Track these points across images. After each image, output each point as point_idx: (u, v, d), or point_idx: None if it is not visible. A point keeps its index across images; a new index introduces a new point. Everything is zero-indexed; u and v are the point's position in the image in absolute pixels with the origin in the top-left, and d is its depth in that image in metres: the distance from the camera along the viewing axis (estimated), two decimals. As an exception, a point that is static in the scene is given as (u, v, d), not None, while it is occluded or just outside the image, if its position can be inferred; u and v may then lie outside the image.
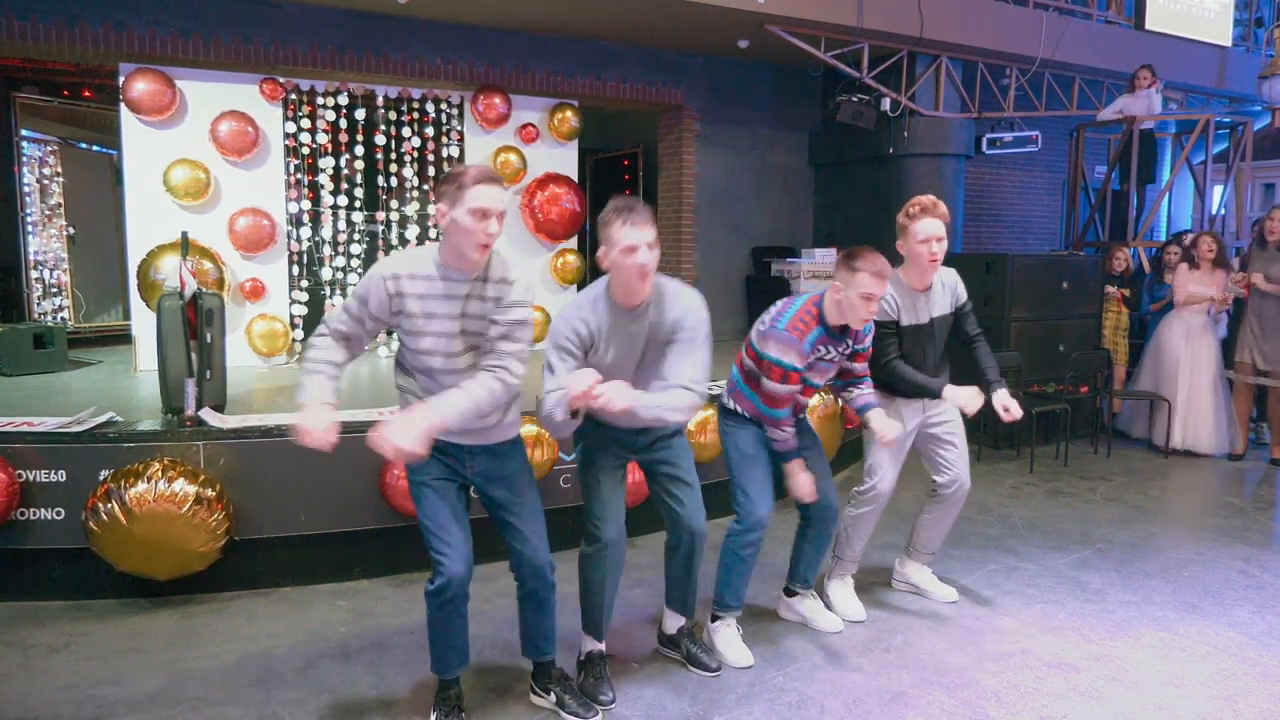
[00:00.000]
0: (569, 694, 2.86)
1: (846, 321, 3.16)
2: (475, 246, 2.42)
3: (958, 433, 3.69)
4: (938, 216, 3.43)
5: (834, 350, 3.24)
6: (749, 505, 3.22)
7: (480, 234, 2.40)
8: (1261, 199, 11.84)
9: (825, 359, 3.23)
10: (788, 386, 3.10)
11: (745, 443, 3.28)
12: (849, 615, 3.59)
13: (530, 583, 2.74)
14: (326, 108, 6.49)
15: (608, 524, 2.89)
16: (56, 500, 3.61)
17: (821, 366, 3.25)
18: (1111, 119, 7.89)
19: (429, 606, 2.66)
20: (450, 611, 2.65)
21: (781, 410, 3.16)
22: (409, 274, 2.48)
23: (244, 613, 3.64)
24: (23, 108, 7.32)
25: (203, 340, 4.09)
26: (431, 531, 2.59)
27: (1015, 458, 6.40)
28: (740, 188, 8.09)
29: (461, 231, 2.40)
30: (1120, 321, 7.13)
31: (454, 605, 2.64)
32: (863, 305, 3.06)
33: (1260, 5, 10.09)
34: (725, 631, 3.29)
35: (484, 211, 2.39)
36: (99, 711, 2.86)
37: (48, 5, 5.42)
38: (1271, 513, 5.13)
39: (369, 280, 2.50)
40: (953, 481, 3.68)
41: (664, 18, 6.38)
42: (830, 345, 3.21)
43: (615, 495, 2.94)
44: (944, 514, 3.78)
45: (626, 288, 2.66)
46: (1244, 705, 2.95)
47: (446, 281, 2.49)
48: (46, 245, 7.56)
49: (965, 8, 7.12)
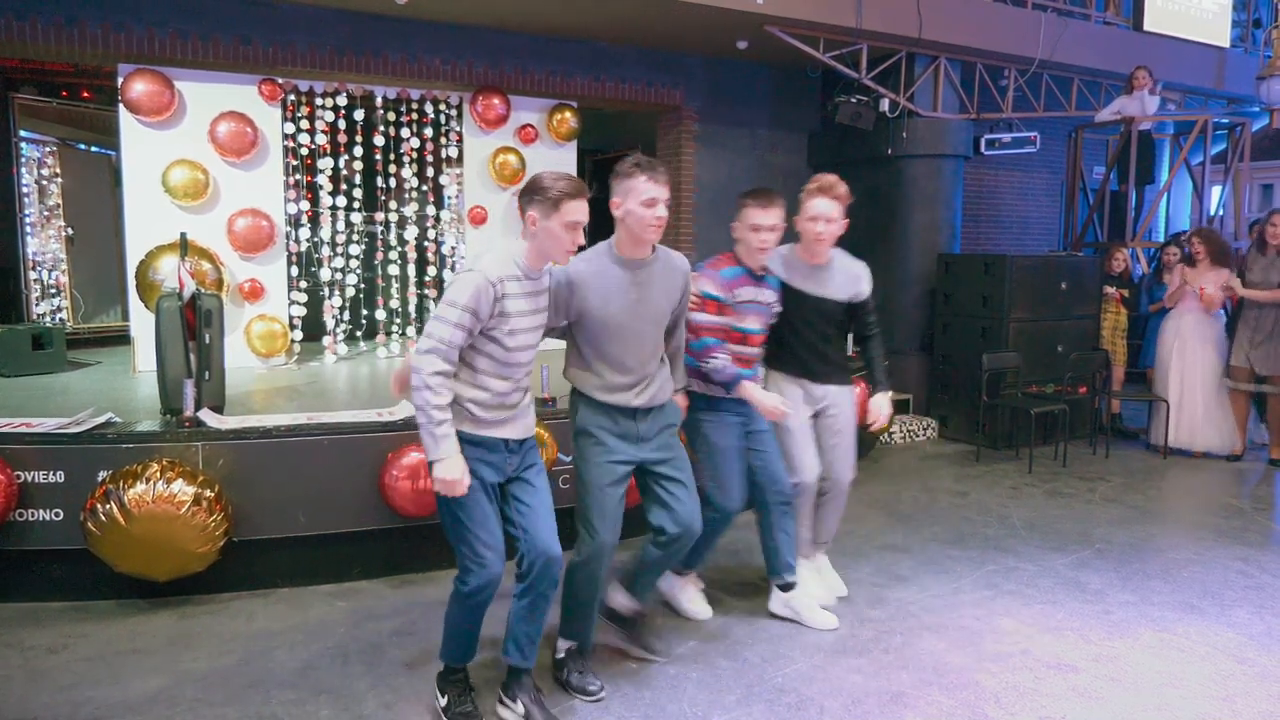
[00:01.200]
0: (538, 706, 2.80)
1: (752, 262, 3.35)
2: (563, 253, 2.67)
3: (844, 429, 3.66)
4: (833, 198, 3.45)
5: (761, 294, 3.39)
6: (722, 496, 3.34)
7: (569, 243, 2.64)
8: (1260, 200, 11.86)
9: (755, 301, 3.37)
10: (707, 316, 3.25)
11: (718, 435, 3.37)
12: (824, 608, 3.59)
13: (539, 578, 2.70)
14: (325, 108, 6.48)
15: (608, 528, 2.91)
16: (55, 501, 3.61)
17: (752, 310, 3.36)
18: (1109, 120, 7.90)
19: (458, 604, 2.71)
20: (481, 609, 2.72)
21: (707, 339, 3.23)
22: (507, 276, 2.61)
23: (243, 614, 3.64)
24: (21, 108, 7.31)
25: (201, 341, 4.09)
26: (473, 532, 2.62)
27: (1014, 458, 6.40)
28: (739, 188, 8.00)
29: (553, 240, 2.62)
30: (1119, 322, 7.13)
31: (486, 604, 2.71)
32: (754, 236, 3.27)
33: (1258, 6, 10.09)
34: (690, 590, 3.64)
35: (576, 224, 2.63)
36: (98, 712, 2.85)
37: (46, 6, 5.42)
38: (1270, 513, 5.14)
39: (474, 290, 2.53)
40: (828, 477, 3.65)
41: (663, 18, 6.38)
42: (755, 287, 3.37)
43: (618, 500, 2.94)
44: (823, 508, 3.70)
45: (637, 239, 2.85)
46: (1242, 705, 2.96)
47: (529, 281, 2.68)
48: (45, 246, 7.55)
49: (964, 9, 7.12)
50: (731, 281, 3.32)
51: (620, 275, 2.86)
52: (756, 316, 3.39)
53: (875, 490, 5.56)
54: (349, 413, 4.20)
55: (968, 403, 6.75)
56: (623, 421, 2.94)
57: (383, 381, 5.67)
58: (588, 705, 2.93)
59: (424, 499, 3.86)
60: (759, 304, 3.40)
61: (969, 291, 6.87)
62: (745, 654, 3.30)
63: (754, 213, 3.28)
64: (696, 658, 3.26)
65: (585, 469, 2.94)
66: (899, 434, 6.97)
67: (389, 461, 3.90)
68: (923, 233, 7.36)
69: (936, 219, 7.38)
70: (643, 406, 2.95)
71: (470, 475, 2.58)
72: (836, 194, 3.43)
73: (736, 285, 3.32)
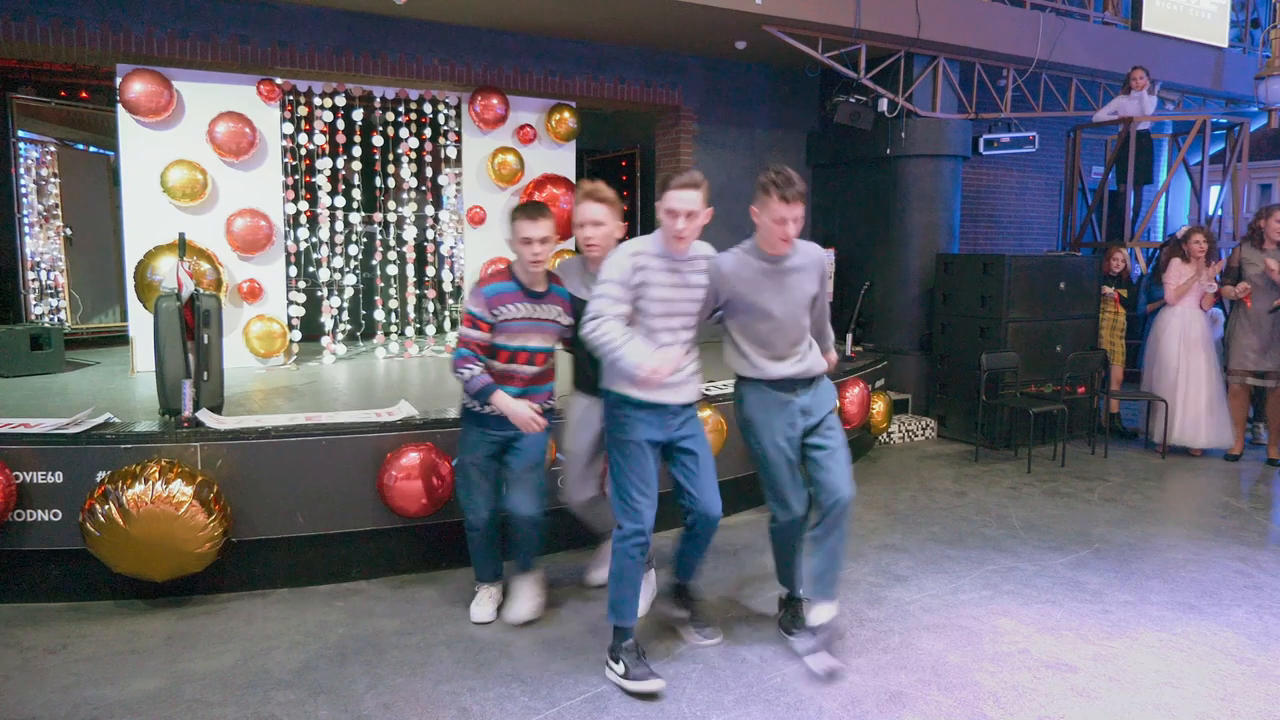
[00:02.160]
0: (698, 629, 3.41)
1: (526, 276, 3.34)
2: (671, 239, 3.06)
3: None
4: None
5: (531, 309, 3.35)
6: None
7: (671, 229, 3.05)
8: (1258, 199, 11.86)
9: (530, 319, 3.35)
10: (466, 330, 3.31)
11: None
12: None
13: (701, 532, 3.24)
14: (324, 108, 6.48)
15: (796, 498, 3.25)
16: (53, 502, 3.61)
17: (514, 327, 3.32)
18: (1107, 120, 7.91)
19: (621, 556, 3.06)
20: (639, 556, 3.06)
21: (462, 349, 3.30)
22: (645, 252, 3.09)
23: (241, 614, 3.64)
24: (19, 109, 7.30)
25: (200, 341, 4.08)
26: (634, 485, 3.07)
27: (1013, 458, 6.41)
28: (738, 188, 8.07)
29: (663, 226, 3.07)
30: (1117, 322, 7.14)
31: (645, 550, 3.08)
32: (525, 250, 3.28)
33: (1256, 6, 10.11)
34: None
35: (673, 212, 3.02)
36: (96, 713, 2.85)
37: (45, 6, 5.42)
38: (1268, 513, 5.14)
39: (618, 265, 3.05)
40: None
41: (661, 18, 6.38)
42: (526, 304, 3.34)
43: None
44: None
45: (770, 244, 3.17)
46: (1241, 705, 2.96)
47: (663, 259, 3.10)
48: (43, 246, 7.55)
49: (962, 9, 7.12)
50: (494, 299, 3.29)
51: (762, 268, 3.19)
52: (537, 334, 3.37)
53: (874, 490, 5.57)
54: (348, 413, 4.20)
55: (966, 402, 6.76)
56: (782, 396, 3.22)
57: (382, 382, 5.67)
58: (587, 703, 2.93)
59: (422, 499, 3.87)
60: (537, 321, 3.36)
61: (968, 291, 6.87)
62: (743, 654, 3.30)
63: (524, 225, 3.27)
64: (695, 658, 3.26)
65: (759, 449, 3.24)
66: (898, 434, 6.98)
67: (388, 462, 3.89)
68: (921, 232, 7.36)
69: (935, 219, 7.38)
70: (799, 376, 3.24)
71: (631, 432, 3.06)
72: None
73: (501, 302, 3.29)
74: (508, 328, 3.32)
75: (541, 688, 3.03)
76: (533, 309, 3.35)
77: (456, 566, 4.08)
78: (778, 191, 3.03)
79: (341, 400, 5.01)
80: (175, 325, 4.01)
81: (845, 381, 5.77)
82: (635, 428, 3.09)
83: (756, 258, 3.21)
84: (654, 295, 3.09)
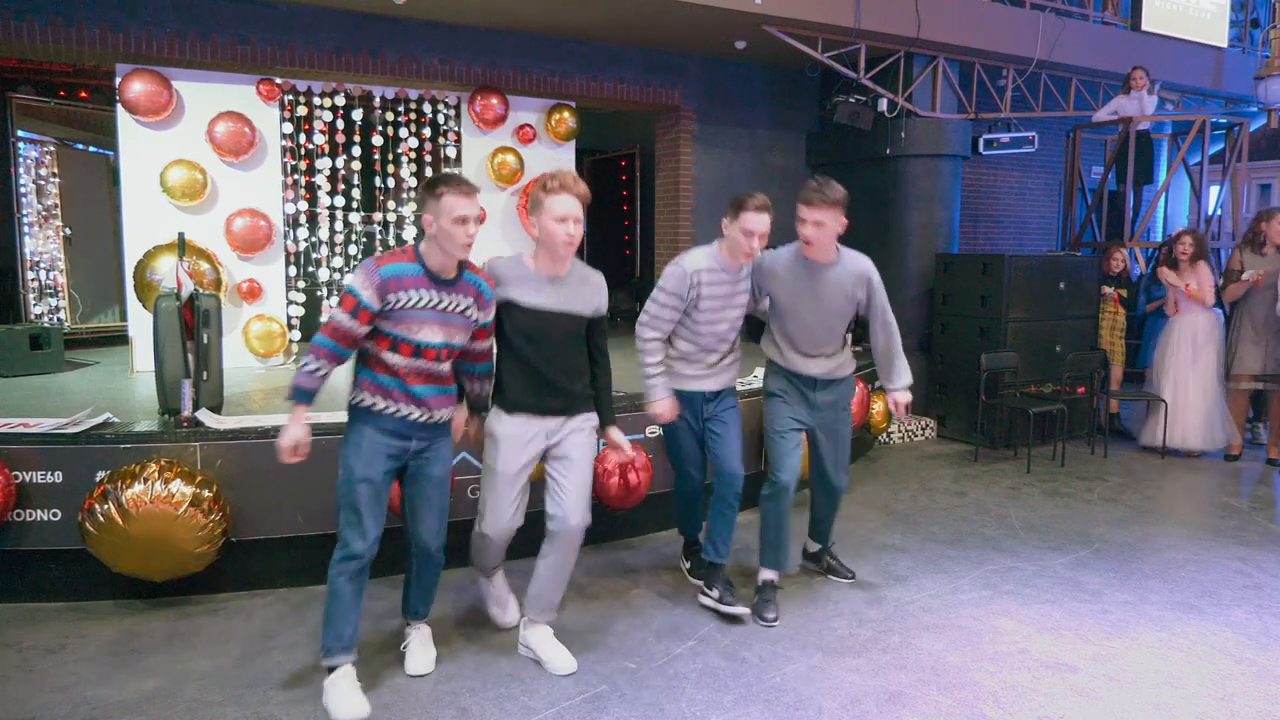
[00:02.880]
0: (728, 590, 3.64)
1: (435, 261, 2.79)
2: (740, 255, 3.51)
3: (576, 455, 3.14)
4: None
5: (439, 298, 2.81)
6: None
7: (743, 247, 3.46)
8: (1257, 199, 11.86)
9: (421, 307, 2.78)
10: (339, 316, 2.75)
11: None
12: (559, 667, 3.13)
13: (725, 489, 3.60)
14: (324, 108, 6.48)
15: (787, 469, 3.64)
16: (53, 501, 3.60)
17: (416, 318, 2.78)
18: (1107, 120, 7.91)
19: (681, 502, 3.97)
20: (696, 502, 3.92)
21: (320, 337, 2.80)
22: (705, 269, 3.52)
23: (241, 614, 3.64)
24: (19, 108, 7.30)
25: (199, 341, 4.08)
26: (681, 454, 3.79)
27: (1012, 458, 6.41)
28: (737, 188, 8.07)
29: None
30: (1117, 322, 7.14)
31: (699, 499, 3.90)
32: (457, 230, 2.73)
33: (1256, 6, 10.11)
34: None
35: (749, 232, 3.41)
36: (95, 713, 2.85)
37: (44, 6, 5.41)
38: (1268, 513, 5.14)
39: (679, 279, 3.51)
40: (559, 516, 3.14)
41: (661, 18, 6.38)
42: (434, 291, 2.80)
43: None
44: (556, 558, 3.16)
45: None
46: (1241, 705, 2.96)
47: (722, 272, 3.55)
48: (43, 246, 7.54)
49: (962, 9, 7.12)
50: (390, 281, 2.74)
51: (799, 271, 3.55)
52: (442, 328, 2.83)
53: (873, 490, 5.57)
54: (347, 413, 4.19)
55: (966, 402, 6.76)
56: (801, 387, 3.66)
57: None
58: (587, 703, 2.93)
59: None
60: (442, 313, 2.83)
61: (967, 291, 6.87)
62: (743, 654, 3.29)
63: (458, 202, 2.73)
64: (695, 657, 3.26)
65: (767, 420, 3.71)
66: (897, 434, 6.98)
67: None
68: (921, 232, 7.36)
69: (935, 219, 7.38)
70: (821, 376, 3.66)
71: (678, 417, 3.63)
72: (579, 190, 3.02)
73: (399, 287, 2.76)
74: (406, 317, 2.79)
75: (541, 687, 3.03)
76: (437, 298, 2.82)
77: (455, 567, 4.07)
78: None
79: (341, 400, 4.99)
80: (175, 325, 4.01)
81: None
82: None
83: (794, 260, 3.54)
84: (705, 306, 3.52)
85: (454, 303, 2.87)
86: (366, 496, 2.87)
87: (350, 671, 2.90)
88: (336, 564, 2.87)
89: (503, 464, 3.11)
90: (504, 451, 3.11)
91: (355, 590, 2.88)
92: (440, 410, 2.97)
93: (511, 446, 3.10)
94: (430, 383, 2.91)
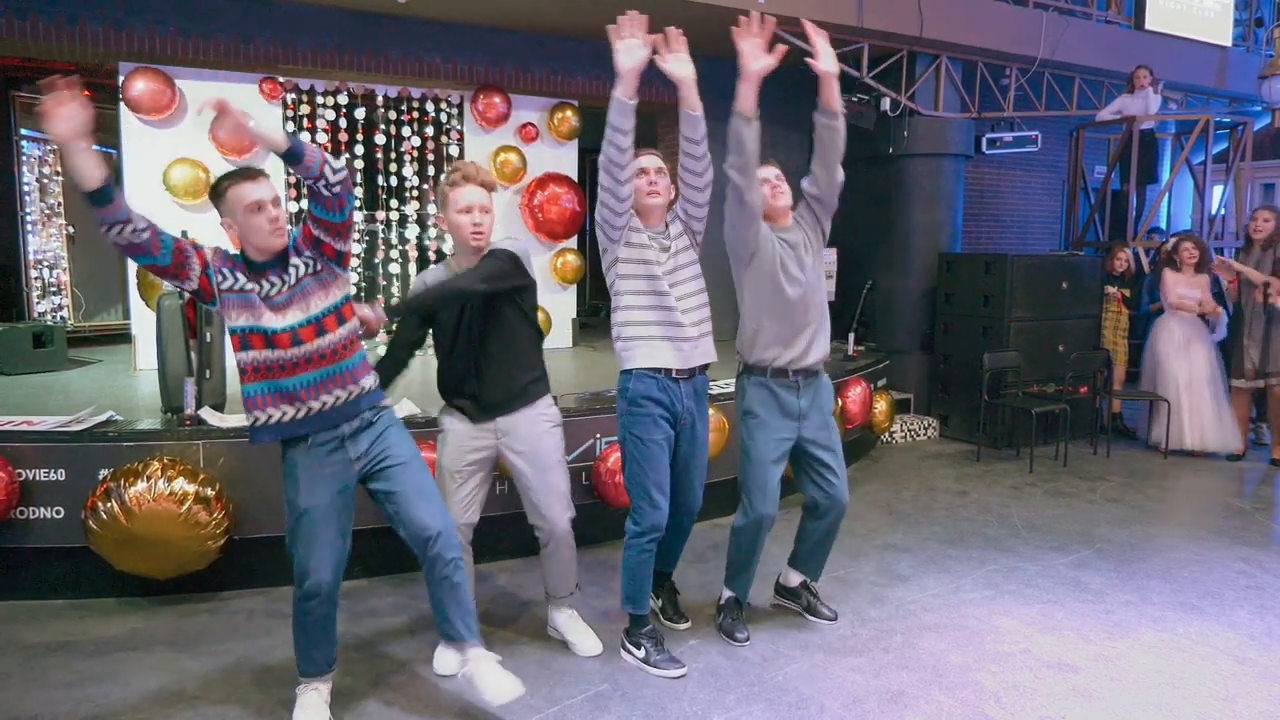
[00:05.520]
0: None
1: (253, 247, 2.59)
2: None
3: (539, 447, 3.10)
4: (480, 183, 3.03)
5: (258, 284, 2.57)
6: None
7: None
8: (1261, 199, 11.84)
9: (239, 290, 2.56)
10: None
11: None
12: (586, 649, 3.26)
13: (682, 516, 3.31)
14: (326, 107, 6.49)
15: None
16: (56, 499, 3.61)
17: (238, 300, 2.56)
18: (1110, 119, 7.90)
19: (632, 549, 3.12)
20: (650, 552, 3.13)
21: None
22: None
23: (243, 612, 3.64)
24: (22, 107, 7.32)
25: (202, 339, 4.09)
26: (654, 482, 3.07)
27: (1015, 458, 6.40)
28: (740, 187, 8.08)
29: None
30: (1120, 322, 7.13)
31: (654, 546, 3.13)
32: (258, 219, 2.55)
33: (1260, 5, 10.09)
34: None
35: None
36: (98, 710, 2.86)
37: (47, 4, 5.42)
38: (1271, 513, 5.14)
39: None
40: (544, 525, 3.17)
41: (663, 18, 6.37)
42: (248, 277, 2.58)
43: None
44: (556, 556, 3.24)
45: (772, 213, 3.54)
46: (1243, 706, 2.96)
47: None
48: (46, 244, 7.56)
49: (965, 7, 7.11)
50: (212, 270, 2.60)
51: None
52: (249, 310, 2.57)
53: (875, 490, 5.56)
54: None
55: (968, 402, 6.75)
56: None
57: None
58: (588, 702, 2.93)
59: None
60: (246, 294, 2.57)
61: (970, 291, 6.87)
62: (745, 653, 3.29)
63: (245, 189, 2.54)
64: (696, 657, 3.26)
65: (750, 446, 3.27)
66: (900, 433, 6.97)
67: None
68: (924, 232, 7.35)
69: (937, 218, 7.37)
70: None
71: (651, 431, 3.06)
72: (484, 179, 3.08)
73: (216, 273, 2.60)
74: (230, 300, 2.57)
75: (542, 686, 3.03)
76: (242, 279, 2.59)
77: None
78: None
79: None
80: (178, 323, 4.02)
81: (847, 381, 5.77)
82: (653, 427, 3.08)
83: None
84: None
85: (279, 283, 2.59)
86: (312, 527, 2.66)
87: (326, 692, 2.81)
88: (299, 602, 2.70)
89: (448, 460, 3.13)
90: (450, 448, 3.13)
91: (327, 611, 2.74)
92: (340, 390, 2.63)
93: (458, 442, 3.11)
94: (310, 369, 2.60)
